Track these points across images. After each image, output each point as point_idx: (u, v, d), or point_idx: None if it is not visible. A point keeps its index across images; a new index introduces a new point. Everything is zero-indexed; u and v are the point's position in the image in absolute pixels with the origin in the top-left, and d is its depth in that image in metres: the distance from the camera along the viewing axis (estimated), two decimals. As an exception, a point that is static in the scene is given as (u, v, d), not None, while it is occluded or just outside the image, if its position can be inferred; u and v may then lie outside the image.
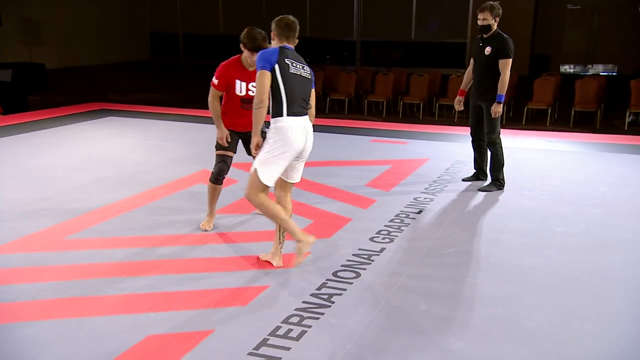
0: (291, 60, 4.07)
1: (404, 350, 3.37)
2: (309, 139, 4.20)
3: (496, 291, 4.05)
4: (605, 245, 4.81)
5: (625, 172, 6.87)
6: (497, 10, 5.93)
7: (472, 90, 6.31)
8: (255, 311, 3.84)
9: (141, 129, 9.57)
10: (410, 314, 3.77)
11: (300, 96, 4.11)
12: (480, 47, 6.06)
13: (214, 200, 5.16)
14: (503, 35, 5.97)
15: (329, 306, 3.87)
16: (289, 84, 4.04)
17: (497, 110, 5.96)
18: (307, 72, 4.16)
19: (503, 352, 3.35)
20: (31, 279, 4.30)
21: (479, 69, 6.12)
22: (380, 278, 4.26)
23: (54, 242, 4.95)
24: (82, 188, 6.36)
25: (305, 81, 4.15)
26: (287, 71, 4.03)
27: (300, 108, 4.12)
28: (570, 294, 4.02)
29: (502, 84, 5.91)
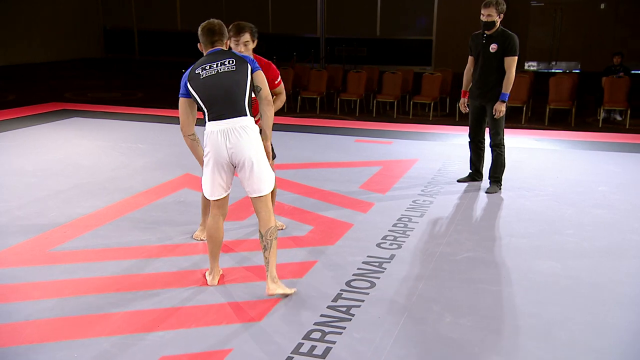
0: (203, 65, 3.84)
1: (441, 366, 3.24)
2: (232, 143, 3.77)
3: (521, 300, 3.94)
4: (619, 248, 4.75)
5: (618, 170, 6.89)
6: (502, 5, 5.80)
7: (472, 90, 6.13)
8: (273, 326, 3.65)
9: (110, 131, 9.22)
10: (437, 327, 3.62)
11: (221, 97, 3.79)
12: (484, 45, 5.90)
13: (207, 210, 4.80)
14: (508, 32, 5.85)
15: (349, 319, 3.71)
16: (203, 89, 3.82)
17: (502, 109, 5.84)
18: (228, 66, 3.81)
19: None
20: (21, 297, 4.02)
21: (482, 67, 5.95)
22: (396, 287, 4.11)
23: (37, 256, 4.66)
24: (59, 195, 6.03)
25: (224, 76, 3.80)
26: (198, 79, 3.83)
27: (222, 110, 3.79)
28: (597, 302, 3.93)
29: (508, 82, 5.79)
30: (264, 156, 3.90)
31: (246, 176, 3.85)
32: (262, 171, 3.86)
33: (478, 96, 6.04)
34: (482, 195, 6.00)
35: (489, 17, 5.79)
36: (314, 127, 9.57)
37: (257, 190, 3.88)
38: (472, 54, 6.10)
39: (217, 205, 4.02)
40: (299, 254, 4.68)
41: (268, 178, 3.91)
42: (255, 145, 3.85)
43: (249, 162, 3.81)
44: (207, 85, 3.82)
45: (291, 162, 7.19)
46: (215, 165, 3.87)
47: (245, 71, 3.86)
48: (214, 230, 4.06)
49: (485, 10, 5.81)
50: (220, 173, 3.90)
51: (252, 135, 3.83)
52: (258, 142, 3.88)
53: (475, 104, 6.10)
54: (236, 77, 3.84)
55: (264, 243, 3.90)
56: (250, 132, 3.83)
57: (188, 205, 5.75)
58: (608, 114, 11.29)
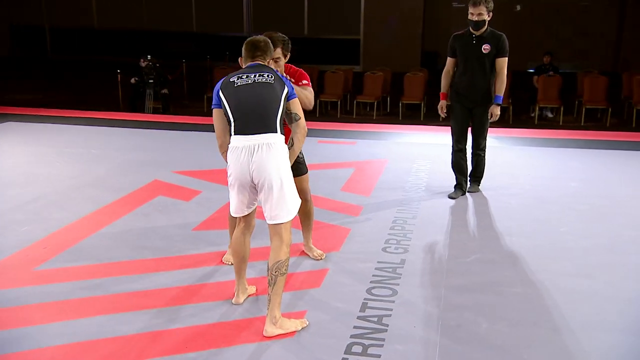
0: (239, 75, 3.53)
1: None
2: (256, 159, 3.41)
3: (549, 302, 3.91)
4: (618, 244, 4.82)
5: (580, 166, 7.05)
6: (491, 3, 5.51)
7: (458, 93, 5.78)
8: (309, 341, 3.46)
9: (51, 135, 8.63)
10: (477, 334, 3.54)
11: (253, 109, 3.46)
12: (473, 45, 5.60)
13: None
14: (498, 32, 5.61)
15: (384, 330, 3.57)
16: (234, 98, 3.50)
17: (498, 112, 5.66)
18: (265, 78, 3.49)
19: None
20: (24, 322, 3.66)
21: (472, 69, 5.63)
22: (418, 293, 4.00)
23: (24, 275, 4.26)
24: (23, 208, 5.56)
25: (260, 86, 3.48)
26: (232, 87, 3.51)
27: (251, 123, 3.45)
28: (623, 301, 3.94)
29: (502, 84, 5.60)
30: (289, 180, 3.52)
31: (265, 198, 3.48)
32: (284, 196, 3.47)
33: (465, 99, 5.74)
34: (465, 195, 5.97)
35: (480, 17, 5.45)
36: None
37: (273, 216, 3.49)
38: (455, 55, 5.78)
39: (243, 220, 3.74)
40: (306, 261, 4.50)
41: (290, 206, 3.51)
42: (281, 166, 3.48)
43: (269, 184, 3.44)
44: (239, 93, 3.49)
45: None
46: (240, 187, 3.55)
47: (281, 89, 3.53)
48: (239, 246, 3.76)
49: (474, 9, 5.45)
50: (245, 194, 3.57)
51: (279, 154, 3.47)
52: (285, 163, 3.52)
53: (463, 105, 5.77)
54: (272, 91, 3.50)
55: (269, 277, 3.48)
56: (278, 150, 3.47)
57: (170, 214, 5.43)
58: (540, 111, 11.67)
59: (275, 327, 3.51)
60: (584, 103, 11.13)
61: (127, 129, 9.01)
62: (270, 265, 3.49)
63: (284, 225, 3.52)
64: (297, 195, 3.61)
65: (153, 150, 7.67)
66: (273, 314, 3.51)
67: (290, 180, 3.55)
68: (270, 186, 3.46)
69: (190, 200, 5.79)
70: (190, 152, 7.61)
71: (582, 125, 10.68)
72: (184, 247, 4.74)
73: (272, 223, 3.51)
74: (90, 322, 3.65)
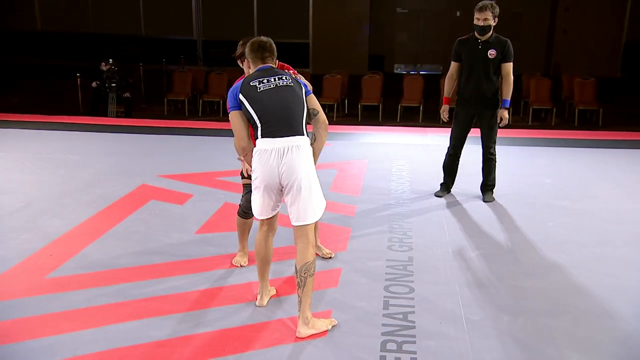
0: (258, 79, 3.46)
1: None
2: (285, 161, 3.37)
3: (559, 294, 3.99)
4: (606, 238, 4.93)
5: (548, 163, 7.21)
6: (497, 9, 5.44)
7: (464, 97, 5.67)
8: (343, 341, 3.42)
9: (21, 141, 8.19)
10: (501, 328, 3.57)
11: (280, 112, 3.42)
12: (479, 50, 5.53)
13: (244, 235, 4.36)
14: (503, 37, 5.56)
15: (412, 327, 3.56)
16: (260, 103, 3.42)
17: (507, 116, 5.60)
18: (285, 81, 3.47)
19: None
20: (51, 331, 3.49)
21: (478, 74, 5.52)
22: (435, 290, 4.01)
23: (37, 284, 4.06)
24: (17, 215, 5.30)
25: (283, 91, 3.45)
26: (255, 92, 3.43)
27: (279, 127, 3.40)
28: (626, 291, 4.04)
29: (509, 88, 5.51)
30: (316, 182, 3.48)
31: (292, 200, 3.42)
32: (311, 198, 3.42)
33: (472, 104, 5.63)
34: (451, 194, 6.01)
35: (486, 22, 5.39)
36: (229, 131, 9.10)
37: (300, 217, 3.42)
38: (459, 60, 5.67)
39: (267, 222, 3.66)
40: (317, 261, 4.40)
41: (316, 207, 3.46)
42: (309, 168, 3.44)
43: (298, 185, 3.39)
44: (264, 98, 3.42)
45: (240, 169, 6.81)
46: (266, 189, 3.47)
47: (300, 90, 3.53)
48: (262, 247, 3.68)
49: (480, 15, 5.39)
50: (271, 196, 3.51)
51: (306, 157, 3.44)
52: (312, 165, 3.48)
53: (468, 112, 5.68)
54: (295, 93, 3.49)
55: (298, 279, 3.42)
56: (306, 152, 3.44)
57: (167, 219, 5.26)
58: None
59: (307, 328, 3.46)
60: (531, 103, 11.48)
61: (99, 134, 8.68)
62: (298, 267, 3.42)
63: (310, 226, 3.47)
64: (322, 196, 3.56)
65: (132, 155, 7.42)
66: (305, 315, 3.46)
67: (316, 181, 3.50)
68: (299, 188, 3.40)
69: (184, 204, 5.63)
70: (172, 156, 7.41)
71: (530, 125, 11.01)
72: (191, 251, 4.61)
73: (298, 224, 3.45)
74: (119, 328, 3.52)
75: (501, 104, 5.57)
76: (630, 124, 11.30)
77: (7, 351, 3.29)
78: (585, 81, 11.54)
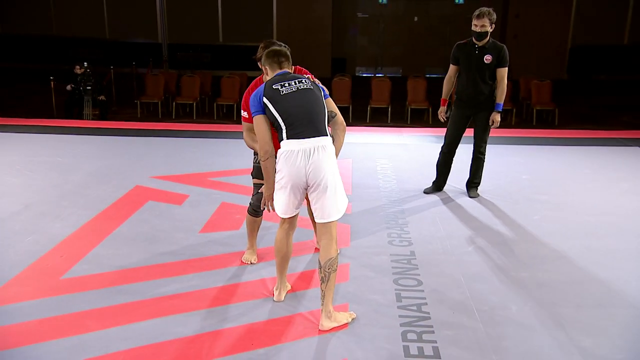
0: (280, 83, 3.51)
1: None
2: (312, 161, 3.41)
3: (559, 283, 4.12)
4: (590, 230, 5.10)
5: (521, 160, 7.39)
6: (494, 15, 5.52)
7: (462, 99, 5.78)
8: (365, 332, 3.48)
9: (10, 144, 7.90)
10: (510, 316, 3.68)
11: (304, 114, 3.45)
12: (476, 55, 5.57)
13: (254, 233, 4.35)
14: (499, 43, 5.64)
15: (428, 317, 3.65)
16: (284, 106, 3.46)
17: (498, 119, 5.70)
18: (305, 84, 3.53)
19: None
20: (80, 329, 3.44)
21: (475, 78, 5.62)
22: (442, 282, 4.09)
23: (53, 284, 3.99)
24: (17, 217, 5.18)
25: (305, 94, 3.49)
26: (278, 95, 3.47)
27: (304, 129, 3.44)
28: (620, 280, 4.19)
29: (503, 92, 5.60)
30: (340, 181, 3.53)
31: (317, 198, 3.47)
32: (336, 196, 3.48)
33: (468, 106, 5.75)
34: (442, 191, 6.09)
35: (483, 28, 5.46)
36: (213, 133, 9.07)
37: (325, 215, 3.48)
38: (457, 63, 5.75)
39: (288, 221, 3.68)
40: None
41: (340, 204, 3.52)
42: (334, 167, 3.50)
43: (324, 185, 3.44)
44: (287, 101, 3.46)
45: (229, 169, 6.79)
46: (292, 189, 3.49)
47: (319, 92, 3.59)
48: (283, 245, 3.70)
49: (478, 21, 5.46)
50: (296, 195, 3.54)
51: (331, 157, 3.50)
52: (336, 164, 3.54)
53: (464, 113, 5.80)
54: (315, 96, 3.54)
55: (321, 274, 3.47)
56: (330, 152, 3.49)
57: (169, 219, 5.22)
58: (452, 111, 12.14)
59: (330, 321, 3.51)
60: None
61: (83, 136, 8.48)
62: (322, 263, 3.47)
63: (334, 223, 3.52)
64: (345, 195, 3.60)
65: (121, 157, 7.29)
66: (328, 308, 3.50)
67: (340, 180, 3.55)
68: (324, 187, 3.45)
69: (182, 204, 5.58)
70: (161, 158, 7.30)
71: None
72: (200, 249, 4.58)
73: (323, 222, 3.49)
74: (146, 325, 3.50)
75: (494, 107, 5.66)
76: (582, 122, 11.72)
77: (43, 350, 3.24)
78: (542, 83, 11.89)
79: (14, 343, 3.30)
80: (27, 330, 3.42)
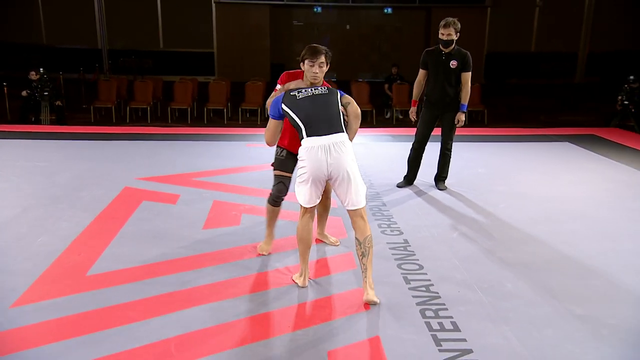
0: (297, 90, 3.81)
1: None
2: (333, 157, 3.66)
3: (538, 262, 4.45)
4: (550, 215, 5.47)
5: (472, 156, 7.78)
6: (458, 25, 5.84)
7: (430, 101, 6.10)
8: (386, 312, 3.66)
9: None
10: (509, 291, 3.97)
11: (319, 115, 3.72)
12: (443, 61, 5.96)
13: (272, 222, 4.47)
14: (464, 50, 5.95)
15: (438, 296, 3.87)
16: (300, 108, 3.73)
17: (463, 118, 6.04)
18: (320, 90, 3.81)
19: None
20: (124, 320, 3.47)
21: (442, 81, 5.96)
22: (440, 266, 4.33)
23: (82, 281, 3.98)
24: (20, 220, 5.08)
25: (319, 98, 3.77)
26: (295, 100, 3.75)
27: (321, 127, 3.70)
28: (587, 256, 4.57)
29: (467, 95, 5.97)
30: (358, 171, 3.79)
31: (344, 190, 3.72)
32: (359, 184, 3.75)
33: (436, 106, 6.06)
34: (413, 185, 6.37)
35: (449, 36, 5.79)
36: (182, 135, 9.01)
37: (355, 203, 3.74)
38: (426, 67, 6.05)
39: (310, 210, 3.86)
40: (326, 248, 4.65)
41: (363, 191, 3.79)
42: (353, 159, 3.76)
43: (347, 176, 3.69)
44: (304, 104, 3.74)
45: (210, 169, 6.82)
46: (314, 181, 3.73)
47: (335, 95, 3.86)
48: (305, 232, 3.87)
49: (445, 30, 5.80)
50: (317, 186, 3.77)
51: (350, 150, 3.75)
52: (353, 157, 3.79)
53: (433, 113, 6.12)
54: (329, 99, 3.82)
55: (362, 250, 3.74)
56: (348, 146, 3.75)
57: (169, 217, 5.23)
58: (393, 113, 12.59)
59: (373, 292, 3.74)
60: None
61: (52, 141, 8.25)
62: (361, 240, 3.73)
63: (364, 208, 3.79)
64: (363, 182, 3.84)
65: (101, 160, 7.17)
66: (370, 280, 3.75)
67: (358, 170, 3.80)
68: (348, 179, 3.70)
69: (177, 203, 5.59)
70: (139, 160, 7.23)
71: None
72: (210, 244, 4.63)
73: (355, 209, 3.75)
74: (193, 312, 3.57)
75: (460, 107, 6.02)
76: (506, 121, 12.41)
77: (95, 339, 3.27)
78: (472, 86, 12.46)
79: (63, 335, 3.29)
80: (69, 323, 3.42)
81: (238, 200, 5.70)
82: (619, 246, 4.79)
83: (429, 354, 3.21)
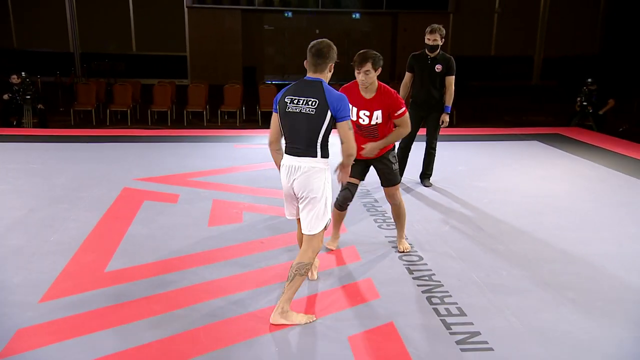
0: (292, 97, 3.46)
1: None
2: (299, 180, 3.46)
3: (530, 251, 4.69)
4: (532, 208, 5.73)
5: (450, 154, 7.99)
6: (443, 31, 6.07)
7: (417, 102, 6.26)
8: (396, 301, 3.83)
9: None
10: (505, 279, 4.20)
11: (296, 134, 3.45)
12: (429, 65, 6.10)
13: (338, 223, 4.62)
14: (448, 55, 6.16)
15: (441, 285, 4.07)
16: (284, 122, 3.49)
17: (447, 119, 6.23)
18: (310, 108, 3.40)
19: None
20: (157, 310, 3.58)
21: (428, 84, 6.15)
22: (437, 257, 4.53)
23: (101, 277, 4.05)
24: (27, 220, 5.11)
25: (303, 117, 3.41)
26: (284, 110, 3.46)
27: (296, 147, 3.46)
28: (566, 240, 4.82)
29: (451, 97, 6.15)
30: (323, 198, 3.51)
31: (305, 212, 3.53)
32: (316, 213, 3.50)
33: (422, 108, 6.24)
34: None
35: (435, 42, 6.00)
36: (166, 137, 9.02)
37: (310, 228, 3.53)
38: (412, 71, 6.26)
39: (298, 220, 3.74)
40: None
41: (320, 220, 3.52)
42: (317, 185, 3.48)
43: (306, 201, 3.51)
44: (289, 118, 3.46)
45: (203, 170, 6.89)
46: (286, 197, 3.64)
47: (324, 116, 3.40)
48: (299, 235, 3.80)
49: (431, 36, 6.01)
50: (290, 202, 3.66)
51: (315, 176, 3.46)
52: (319, 185, 3.48)
53: (419, 114, 6.25)
54: (313, 121, 3.41)
55: (289, 274, 3.50)
56: (314, 173, 3.46)
57: (173, 216, 5.31)
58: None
59: (280, 317, 3.49)
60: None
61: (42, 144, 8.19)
62: (293, 263, 3.52)
63: (315, 235, 3.54)
64: (328, 212, 3.57)
65: (96, 162, 7.17)
66: (282, 305, 3.50)
67: (323, 197, 3.52)
68: (307, 202, 3.52)
69: (177, 202, 5.65)
70: (134, 161, 7.25)
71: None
72: (218, 240, 4.74)
73: (307, 233, 3.55)
74: (217, 302, 3.69)
75: (444, 109, 6.23)
76: (473, 121, 12.75)
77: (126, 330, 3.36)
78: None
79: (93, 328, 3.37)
80: (99, 316, 3.50)
81: (236, 199, 5.79)
82: (598, 235, 5.08)
83: (442, 336, 3.41)
